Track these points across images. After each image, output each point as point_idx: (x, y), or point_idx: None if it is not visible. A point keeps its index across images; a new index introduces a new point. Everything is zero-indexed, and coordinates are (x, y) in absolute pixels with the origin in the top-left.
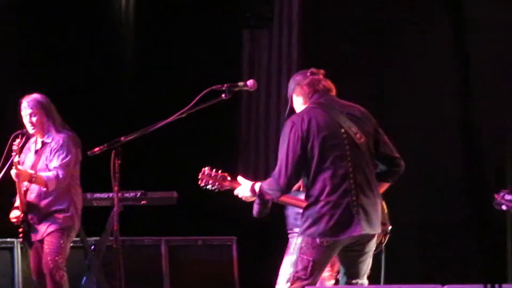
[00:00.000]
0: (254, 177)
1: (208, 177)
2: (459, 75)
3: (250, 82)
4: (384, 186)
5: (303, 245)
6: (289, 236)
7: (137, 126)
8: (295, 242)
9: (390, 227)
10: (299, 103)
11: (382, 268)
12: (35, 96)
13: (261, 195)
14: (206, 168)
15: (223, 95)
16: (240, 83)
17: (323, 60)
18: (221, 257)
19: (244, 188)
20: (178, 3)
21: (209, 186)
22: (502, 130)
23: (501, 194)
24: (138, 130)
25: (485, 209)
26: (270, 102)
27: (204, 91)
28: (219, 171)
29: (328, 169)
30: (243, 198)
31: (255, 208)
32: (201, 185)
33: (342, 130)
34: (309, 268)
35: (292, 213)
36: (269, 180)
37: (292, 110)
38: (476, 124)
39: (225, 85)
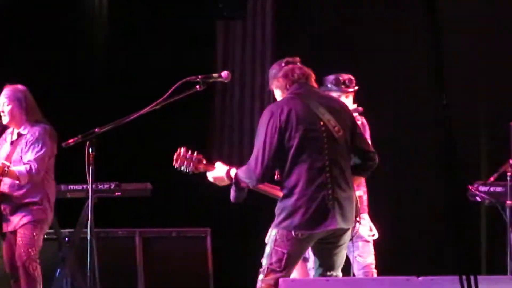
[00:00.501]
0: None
1: (183, 158)
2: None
3: (224, 73)
4: (358, 180)
5: (277, 237)
6: None
7: (112, 118)
8: (270, 233)
9: (359, 219)
10: (278, 95)
11: (352, 260)
12: (14, 86)
13: (236, 182)
14: (182, 149)
15: (197, 87)
16: (215, 75)
17: (296, 52)
18: (195, 249)
19: (219, 173)
20: None
21: (183, 168)
22: (476, 125)
23: (475, 185)
24: (112, 122)
25: (460, 201)
26: (244, 93)
27: (179, 83)
28: (195, 153)
29: (305, 162)
30: (217, 183)
31: (232, 194)
32: (175, 166)
33: (321, 123)
34: (284, 261)
35: None
36: (245, 168)
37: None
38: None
39: (199, 77)
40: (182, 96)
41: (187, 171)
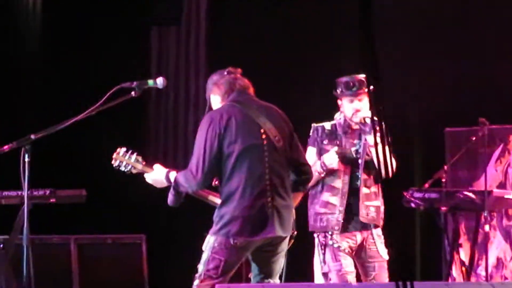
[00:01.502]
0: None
1: (122, 158)
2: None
3: (159, 80)
4: (298, 196)
5: (216, 244)
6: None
7: (47, 124)
8: (207, 240)
9: (295, 233)
10: (216, 102)
11: (283, 271)
12: None
13: (176, 186)
14: (122, 148)
15: (132, 93)
16: (150, 81)
17: (230, 59)
18: (130, 255)
19: (158, 175)
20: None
21: (122, 168)
22: (410, 131)
23: (410, 192)
24: (47, 128)
25: (395, 208)
26: (179, 100)
27: (113, 89)
28: (134, 153)
29: (245, 169)
30: (155, 184)
31: (170, 198)
32: (114, 165)
33: (262, 131)
34: (221, 268)
35: (312, 214)
36: (185, 172)
37: (211, 110)
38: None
39: (134, 83)
40: (117, 102)
41: (125, 170)
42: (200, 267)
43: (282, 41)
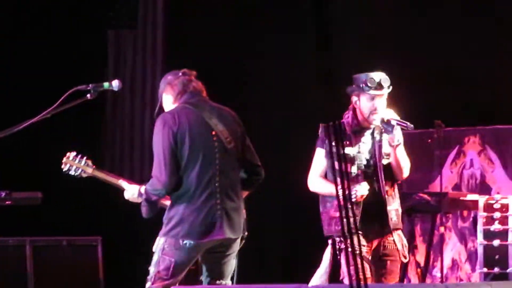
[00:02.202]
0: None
1: (72, 162)
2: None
3: (115, 82)
4: (244, 194)
5: (165, 246)
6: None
7: (1, 126)
8: (157, 242)
9: (246, 233)
10: (168, 102)
11: (235, 272)
12: None
13: (148, 197)
14: (71, 153)
15: (88, 95)
16: (105, 83)
17: (187, 62)
18: (86, 257)
19: (131, 193)
20: (42, 3)
21: (72, 172)
22: None
23: None
24: (2, 130)
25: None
26: (135, 102)
27: (69, 92)
28: (84, 157)
29: (195, 171)
30: (132, 201)
31: (143, 210)
32: (63, 170)
33: (213, 133)
34: (171, 269)
35: (326, 218)
36: (151, 181)
37: (162, 109)
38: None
39: (90, 85)
40: (73, 105)
41: (75, 174)
42: (151, 269)
43: (240, 45)
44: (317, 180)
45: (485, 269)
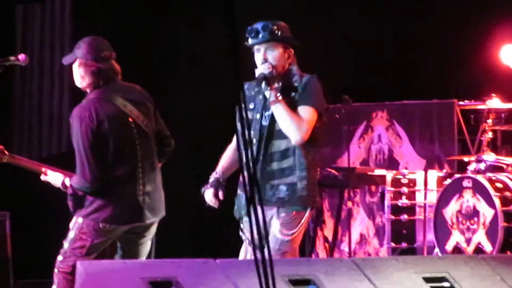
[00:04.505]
0: (28, 157)
1: None
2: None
3: (21, 56)
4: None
5: (84, 225)
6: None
7: None
8: (75, 220)
9: (163, 214)
10: (81, 74)
11: (152, 250)
12: None
13: (74, 192)
14: None
15: None
16: (12, 58)
17: (96, 35)
18: None
19: (54, 179)
20: None
21: None
22: None
23: None
24: None
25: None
26: (44, 78)
27: None
28: None
29: (119, 162)
30: (51, 183)
31: (70, 204)
32: None
33: (130, 120)
34: (86, 248)
35: None
36: (77, 179)
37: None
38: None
39: None
40: None
41: None
42: (66, 244)
43: (149, 17)
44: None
45: (392, 244)
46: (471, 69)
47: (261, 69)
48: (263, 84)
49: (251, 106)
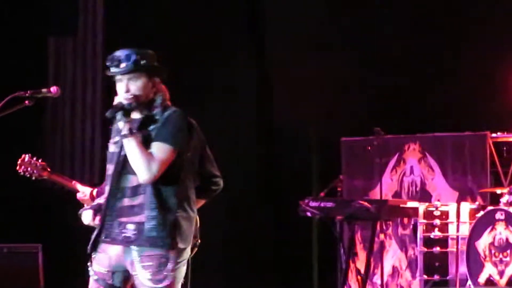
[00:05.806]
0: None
1: (27, 164)
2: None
3: (53, 89)
4: (200, 203)
5: None
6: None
7: None
8: None
9: (199, 241)
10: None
11: (188, 279)
12: None
13: None
14: (26, 155)
15: (26, 102)
16: (44, 90)
17: None
18: (26, 265)
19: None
20: None
21: (27, 174)
22: (307, 141)
23: (306, 201)
24: None
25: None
26: (75, 110)
27: (7, 98)
28: (39, 160)
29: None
30: (82, 201)
31: None
32: (19, 171)
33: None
34: None
35: None
36: None
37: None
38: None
39: (28, 92)
40: (11, 111)
41: (31, 176)
42: None
43: (178, 49)
44: None
45: (425, 276)
46: (504, 101)
47: (120, 98)
48: (119, 115)
49: (117, 138)
